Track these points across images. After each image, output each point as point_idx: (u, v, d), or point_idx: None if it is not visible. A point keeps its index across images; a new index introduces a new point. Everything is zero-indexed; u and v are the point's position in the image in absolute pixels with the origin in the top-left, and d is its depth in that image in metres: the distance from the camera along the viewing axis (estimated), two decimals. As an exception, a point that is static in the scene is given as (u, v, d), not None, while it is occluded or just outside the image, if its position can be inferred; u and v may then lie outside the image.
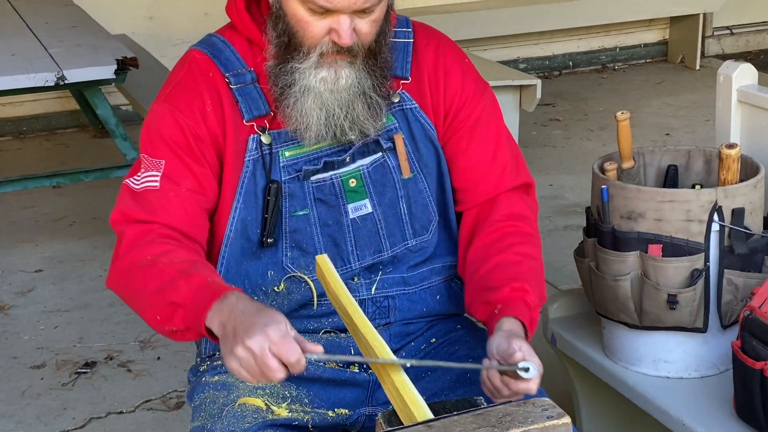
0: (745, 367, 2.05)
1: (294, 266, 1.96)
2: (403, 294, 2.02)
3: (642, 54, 7.33)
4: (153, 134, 1.94)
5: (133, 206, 1.91)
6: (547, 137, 5.80)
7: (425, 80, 2.02)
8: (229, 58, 1.96)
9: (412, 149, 2.01)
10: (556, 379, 3.10)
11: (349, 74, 1.88)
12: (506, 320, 1.84)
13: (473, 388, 1.91)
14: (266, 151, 1.94)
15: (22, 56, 4.23)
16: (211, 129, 1.93)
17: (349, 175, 1.98)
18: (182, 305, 1.76)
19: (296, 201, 1.95)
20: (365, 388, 2.01)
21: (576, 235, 4.12)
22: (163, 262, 1.82)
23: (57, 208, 4.97)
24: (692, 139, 5.66)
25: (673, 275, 2.21)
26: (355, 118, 1.91)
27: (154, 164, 1.92)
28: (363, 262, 1.98)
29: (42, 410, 3.29)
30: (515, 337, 1.77)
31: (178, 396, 3.32)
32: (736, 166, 2.25)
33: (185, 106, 1.93)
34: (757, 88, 2.55)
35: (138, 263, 1.85)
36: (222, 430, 1.85)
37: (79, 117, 6.13)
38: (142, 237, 1.88)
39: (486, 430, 1.53)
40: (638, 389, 2.32)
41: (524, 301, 1.89)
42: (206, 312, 1.71)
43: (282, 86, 1.90)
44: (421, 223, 2.02)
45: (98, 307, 3.94)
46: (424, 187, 2.02)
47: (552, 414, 1.56)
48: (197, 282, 1.77)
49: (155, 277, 1.81)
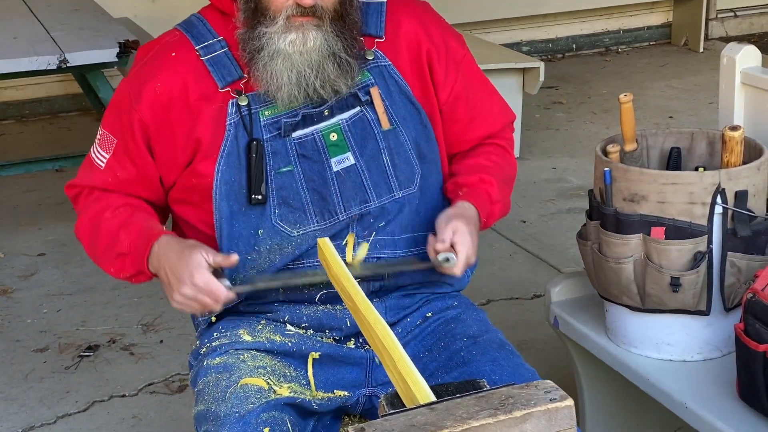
0: (748, 350, 2.05)
1: (283, 222, 2.00)
2: (394, 257, 2.04)
3: (645, 36, 7.30)
4: (114, 112, 2.08)
5: (84, 174, 2.12)
6: (550, 120, 5.79)
7: (402, 40, 2.08)
8: (201, 31, 2.04)
9: (389, 103, 2.05)
10: (558, 361, 3.11)
11: (316, 36, 1.95)
12: (463, 203, 2.05)
13: (468, 369, 1.95)
14: (245, 112, 1.99)
15: (24, 39, 4.23)
16: (158, 117, 2.01)
17: (330, 130, 2.02)
18: (128, 254, 2.02)
19: (280, 158, 2.00)
20: (363, 367, 2.03)
21: (579, 218, 4.12)
22: (106, 218, 2.06)
23: (59, 192, 4.91)
24: (695, 121, 5.65)
25: (676, 258, 2.21)
26: (325, 77, 1.97)
27: (108, 142, 2.08)
28: (350, 212, 2.01)
29: (45, 393, 3.30)
30: (456, 218, 1.98)
31: (181, 379, 3.33)
32: (740, 149, 2.24)
33: (142, 92, 2.01)
34: (760, 70, 2.54)
35: (91, 221, 2.08)
36: (226, 413, 1.86)
37: (82, 100, 6.12)
38: (93, 196, 2.11)
39: (488, 413, 1.52)
40: (641, 372, 2.32)
41: (488, 193, 2.09)
42: (145, 259, 1.99)
43: (251, 51, 1.97)
44: (406, 175, 2.05)
45: (101, 290, 3.95)
46: (405, 140, 2.06)
47: (555, 396, 1.56)
48: (135, 231, 2.02)
49: (103, 235, 2.05)
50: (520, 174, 4.90)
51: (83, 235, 2.11)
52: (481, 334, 2.03)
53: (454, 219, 1.99)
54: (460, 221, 1.98)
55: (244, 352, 2.00)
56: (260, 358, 2.00)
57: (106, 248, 2.05)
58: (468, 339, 2.02)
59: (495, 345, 2.01)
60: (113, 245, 2.04)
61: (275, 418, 1.86)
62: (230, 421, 1.85)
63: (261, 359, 1.99)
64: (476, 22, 6.56)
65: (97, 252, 2.08)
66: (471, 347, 2.00)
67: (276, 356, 2.01)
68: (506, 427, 1.52)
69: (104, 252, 2.06)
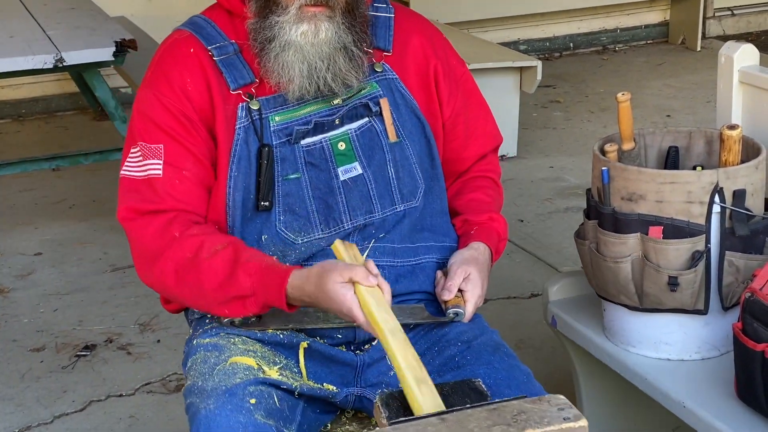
0: (746, 349, 2.05)
1: (287, 230, 2.00)
2: (391, 266, 2.04)
3: (643, 35, 7.30)
4: (146, 120, 1.99)
5: (139, 199, 1.96)
6: (548, 119, 5.79)
7: (409, 56, 2.09)
8: (210, 33, 2.02)
9: (396, 116, 2.06)
10: (556, 360, 3.10)
11: (328, 27, 1.95)
12: (478, 245, 2.10)
13: (462, 372, 1.95)
14: (256, 116, 1.98)
15: (20, 38, 4.22)
16: (197, 104, 1.98)
17: (338, 139, 2.02)
18: (251, 295, 1.90)
19: (288, 165, 1.99)
20: (353, 368, 2.03)
21: (577, 217, 4.12)
22: (206, 258, 1.91)
23: (56, 191, 4.97)
24: (693, 120, 5.65)
25: (674, 257, 2.20)
26: (337, 71, 1.96)
27: (153, 151, 1.97)
28: (355, 221, 2.01)
29: (42, 393, 3.29)
30: (470, 264, 2.02)
31: (178, 378, 3.32)
32: (738, 148, 2.24)
33: (167, 89, 1.98)
34: (758, 69, 2.53)
35: (183, 264, 1.92)
36: (213, 387, 1.87)
37: (79, 99, 6.12)
38: (164, 230, 1.94)
39: (501, 429, 1.49)
40: (639, 371, 2.31)
41: (497, 231, 2.15)
42: (283, 294, 1.87)
43: (262, 41, 1.96)
44: (409, 188, 2.06)
45: (98, 289, 3.94)
46: (410, 154, 2.07)
47: (569, 416, 1.52)
48: (254, 269, 1.90)
49: (211, 276, 1.91)
50: (518, 173, 4.94)
51: (176, 274, 1.94)
52: (476, 338, 2.03)
53: (468, 265, 2.03)
54: (474, 268, 2.03)
55: (235, 337, 2.01)
56: (251, 343, 2.00)
57: (216, 289, 1.91)
58: (462, 344, 2.02)
59: (489, 348, 2.01)
60: (226, 287, 1.91)
61: (262, 392, 1.87)
62: (216, 394, 1.85)
63: (252, 344, 2.00)
64: (473, 21, 6.56)
65: (201, 294, 1.94)
66: (465, 352, 2.00)
67: (266, 345, 2.02)
68: (518, 444, 1.48)
69: (213, 293, 1.92)
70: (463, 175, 2.23)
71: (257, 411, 1.83)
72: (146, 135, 1.98)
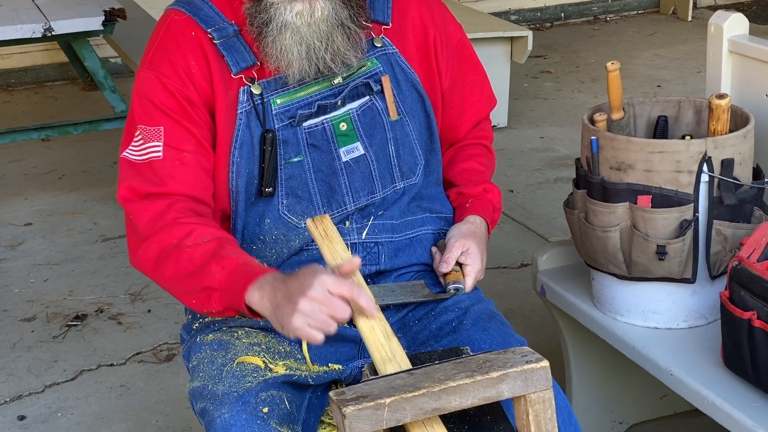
0: (733, 318, 2.06)
1: (290, 213, 1.98)
2: (390, 242, 2.04)
3: (634, 5, 7.29)
4: (145, 103, 1.95)
5: (140, 180, 1.93)
6: (539, 89, 5.78)
7: (408, 27, 2.06)
8: (208, 14, 1.97)
9: (397, 92, 2.04)
10: (545, 329, 3.12)
11: (324, 5, 1.91)
12: (474, 218, 2.09)
13: (458, 337, 1.96)
14: (258, 101, 1.95)
15: (8, 7, 4.20)
16: (200, 87, 1.94)
17: (340, 119, 2.00)
18: (217, 289, 1.82)
19: (290, 148, 1.97)
20: (356, 343, 2.02)
21: (566, 188, 4.13)
22: (189, 246, 1.85)
23: (46, 161, 4.96)
24: (683, 90, 5.66)
25: (662, 226, 2.21)
26: (336, 50, 1.93)
27: (153, 133, 1.93)
28: (358, 203, 2.00)
29: (33, 362, 3.30)
30: (468, 238, 2.03)
31: (169, 348, 3.33)
32: (726, 117, 2.24)
33: (170, 70, 1.93)
34: (747, 38, 2.53)
35: (166, 249, 1.87)
36: (224, 392, 1.85)
37: (68, 69, 6.09)
38: (160, 215, 1.90)
39: (466, 374, 1.56)
40: (627, 340, 2.32)
41: (492, 202, 2.15)
42: (244, 293, 1.77)
43: (259, 24, 1.92)
44: (409, 166, 2.05)
45: (88, 260, 3.94)
46: (410, 130, 2.05)
47: (531, 359, 1.60)
48: (230, 266, 1.81)
49: (185, 263, 1.85)
50: (508, 143, 4.95)
51: (158, 258, 1.89)
52: (472, 305, 2.04)
53: (466, 238, 2.03)
54: (472, 242, 2.03)
55: (238, 330, 1.99)
56: (254, 334, 1.99)
57: (189, 276, 1.85)
58: (459, 309, 2.02)
59: (486, 315, 2.02)
60: (199, 276, 1.84)
61: (273, 398, 1.85)
62: (229, 401, 1.82)
63: (255, 336, 1.98)
64: (464, -9, 6.54)
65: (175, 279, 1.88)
66: (462, 317, 2.01)
67: (269, 333, 2.00)
68: (482, 387, 1.56)
69: (186, 280, 1.86)
70: (457, 143, 2.23)
71: (271, 419, 1.81)
72: (146, 118, 1.94)
